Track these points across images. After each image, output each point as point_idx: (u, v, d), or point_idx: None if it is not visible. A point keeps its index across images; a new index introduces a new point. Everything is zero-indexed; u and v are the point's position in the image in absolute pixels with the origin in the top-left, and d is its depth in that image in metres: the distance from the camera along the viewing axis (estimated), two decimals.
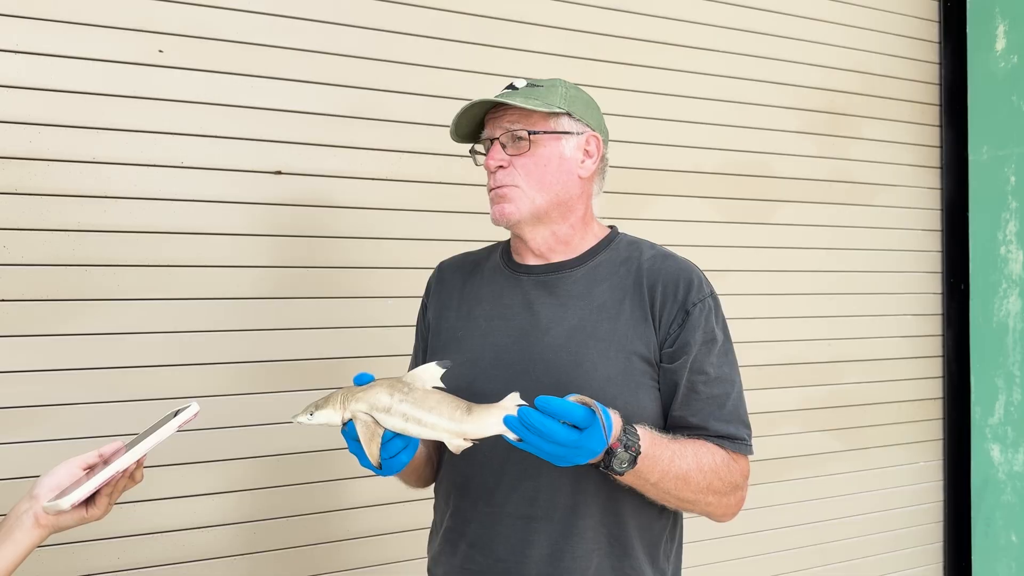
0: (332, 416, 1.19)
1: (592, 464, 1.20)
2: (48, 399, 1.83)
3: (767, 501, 2.79)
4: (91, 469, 1.16)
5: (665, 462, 1.25)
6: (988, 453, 3.14)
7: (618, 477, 1.23)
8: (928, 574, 3.19)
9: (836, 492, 2.97)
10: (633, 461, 1.20)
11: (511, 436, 1.14)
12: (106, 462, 1.16)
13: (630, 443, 1.20)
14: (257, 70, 2.04)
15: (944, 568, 3.22)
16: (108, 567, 1.88)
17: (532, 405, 1.12)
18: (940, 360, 3.22)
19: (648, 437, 1.24)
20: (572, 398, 1.13)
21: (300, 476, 2.09)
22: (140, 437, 1.15)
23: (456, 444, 1.17)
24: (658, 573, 1.39)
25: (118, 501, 1.21)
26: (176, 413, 1.17)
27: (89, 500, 1.14)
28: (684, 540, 1.50)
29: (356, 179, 2.17)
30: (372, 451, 1.17)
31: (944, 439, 3.22)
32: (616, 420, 1.20)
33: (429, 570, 1.51)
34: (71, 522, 1.14)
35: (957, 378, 3.21)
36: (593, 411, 1.12)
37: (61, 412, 1.84)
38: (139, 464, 1.17)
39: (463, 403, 1.18)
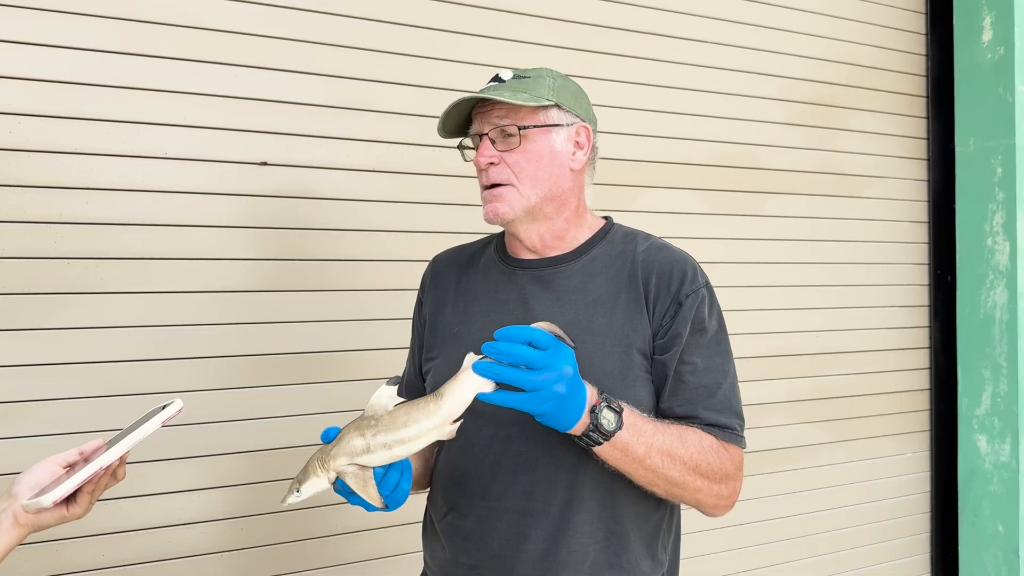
0: (319, 483, 1.18)
1: (581, 435, 1.19)
2: (29, 394, 1.80)
3: (755, 493, 2.79)
4: (71, 467, 1.14)
5: (649, 432, 1.24)
6: (975, 444, 3.15)
7: (607, 450, 1.20)
8: (915, 564, 3.21)
9: (824, 484, 2.98)
10: (619, 418, 1.19)
11: (487, 387, 1.14)
12: (87, 460, 1.13)
13: (610, 399, 1.20)
14: (242, 60, 2.02)
15: (931, 558, 3.24)
16: (93, 565, 1.86)
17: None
18: (927, 351, 3.23)
19: (627, 406, 1.23)
20: (534, 325, 1.14)
21: (287, 471, 2.07)
22: (123, 434, 1.13)
23: (448, 431, 1.16)
24: (656, 565, 1.39)
25: (102, 498, 1.18)
26: (160, 409, 1.15)
27: (70, 498, 1.12)
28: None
29: (343, 170, 2.14)
30: (372, 496, 1.16)
31: (931, 430, 3.23)
32: (590, 386, 1.20)
33: (425, 562, 1.50)
34: (52, 521, 1.12)
35: (944, 369, 3.23)
36: (555, 334, 1.13)
37: (42, 408, 1.81)
38: (122, 461, 1.15)
39: (428, 396, 1.17)
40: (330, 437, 1.19)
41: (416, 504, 1.59)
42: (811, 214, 2.95)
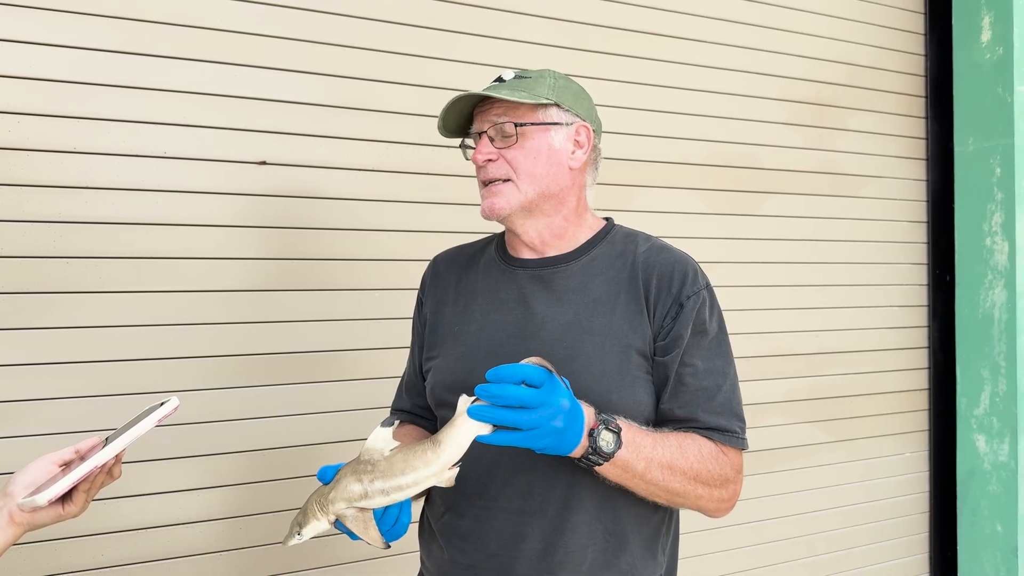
0: (319, 526, 1.19)
1: (581, 457, 1.18)
2: (27, 394, 1.80)
3: (754, 493, 2.79)
4: (67, 466, 1.14)
5: (648, 447, 1.24)
6: (974, 443, 3.15)
7: (607, 469, 1.21)
8: (914, 564, 3.21)
9: (822, 483, 2.98)
10: (618, 438, 1.19)
11: (484, 430, 1.12)
12: (83, 458, 1.13)
13: (609, 420, 1.19)
14: (241, 59, 2.02)
15: (930, 558, 3.24)
16: (92, 564, 1.86)
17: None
18: (926, 351, 3.23)
19: (625, 423, 1.23)
20: (524, 361, 1.13)
21: (285, 471, 2.07)
22: (118, 432, 1.13)
23: (446, 478, 1.15)
24: (655, 567, 1.38)
25: (100, 497, 1.19)
26: (156, 407, 1.15)
27: (66, 497, 1.12)
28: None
29: (342, 170, 2.14)
30: (373, 537, 1.17)
31: (930, 430, 3.23)
32: (587, 407, 1.19)
33: (422, 562, 1.50)
34: (47, 519, 1.12)
35: (943, 369, 3.23)
36: (546, 368, 1.12)
37: (40, 407, 1.81)
38: (117, 459, 1.15)
39: (426, 442, 1.16)
40: (327, 477, 1.19)
41: (415, 504, 1.59)
42: (810, 214, 2.95)
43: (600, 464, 1.20)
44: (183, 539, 1.96)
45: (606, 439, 1.18)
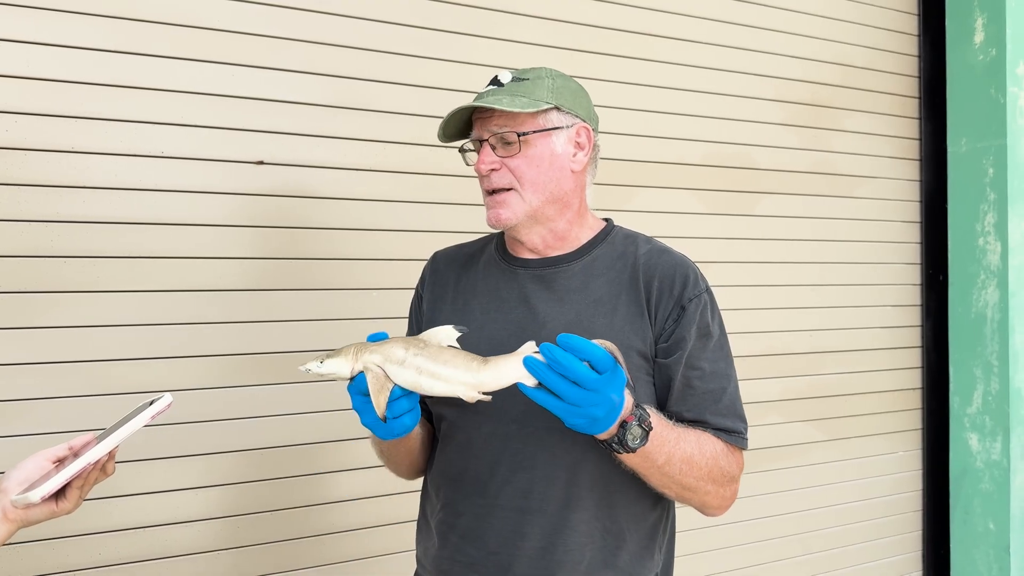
0: (342, 366, 1.19)
1: (603, 440, 1.19)
2: (24, 393, 1.80)
3: (749, 491, 2.80)
4: (60, 462, 1.14)
5: (671, 443, 1.25)
6: (966, 442, 3.17)
7: (627, 456, 1.22)
8: (907, 562, 3.23)
9: (817, 482, 2.99)
10: (645, 436, 1.20)
11: (529, 382, 1.13)
12: (76, 455, 1.13)
13: (643, 416, 1.20)
14: (239, 59, 2.02)
15: (923, 556, 3.26)
16: (89, 563, 1.86)
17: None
18: (919, 350, 3.25)
19: (655, 415, 1.24)
20: (596, 342, 1.12)
21: (284, 470, 2.08)
22: (111, 429, 1.13)
23: (471, 396, 1.16)
24: (652, 565, 1.39)
25: (98, 496, 1.19)
26: (149, 404, 1.15)
27: (59, 493, 1.12)
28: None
29: (340, 169, 2.15)
30: (379, 402, 1.16)
31: (923, 429, 3.25)
32: (628, 396, 1.19)
33: (419, 560, 1.50)
34: (41, 516, 1.12)
35: (936, 368, 3.24)
36: (614, 357, 1.12)
37: (37, 407, 1.81)
38: (111, 456, 1.15)
39: (478, 356, 1.17)
40: (376, 339, 1.20)
41: (410, 502, 1.59)
42: (805, 214, 2.96)
43: (620, 453, 1.21)
44: (181, 538, 1.96)
45: (634, 434, 1.19)
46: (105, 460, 1.14)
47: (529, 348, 1.15)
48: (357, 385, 1.18)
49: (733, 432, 1.37)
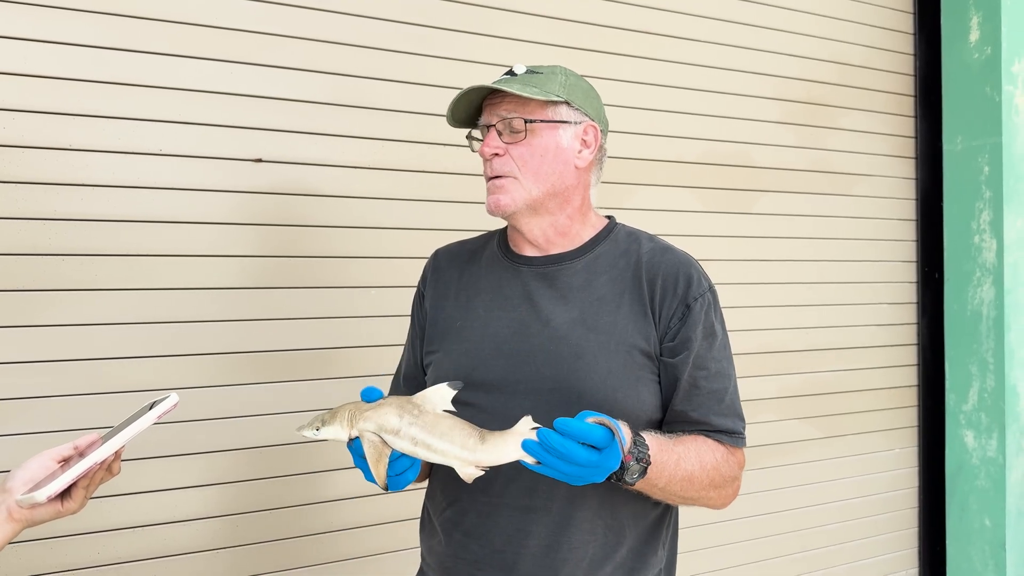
0: (339, 433, 1.18)
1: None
2: (23, 392, 1.79)
3: (746, 488, 2.78)
4: (65, 462, 1.14)
5: (671, 467, 1.26)
6: (962, 439, 3.18)
7: (626, 486, 1.23)
8: (903, 559, 3.24)
9: (813, 479, 3.00)
10: (644, 471, 1.21)
11: (529, 461, 1.13)
12: (81, 454, 1.13)
13: (641, 455, 1.20)
14: (237, 56, 2.01)
15: (919, 552, 3.27)
16: (89, 562, 1.85)
17: (549, 427, 1.11)
18: (915, 348, 3.26)
19: (656, 444, 1.24)
20: (590, 419, 1.12)
21: (283, 468, 2.07)
22: (117, 428, 1.13)
23: (468, 472, 1.15)
24: (655, 561, 1.40)
25: (98, 495, 1.18)
26: (154, 404, 1.15)
27: (65, 493, 1.11)
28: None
29: (338, 167, 2.14)
30: (379, 472, 1.16)
31: (919, 426, 3.26)
32: (627, 432, 1.19)
33: (423, 558, 1.50)
34: (46, 516, 1.11)
35: (932, 365, 3.26)
36: (611, 431, 1.11)
37: (37, 405, 1.80)
38: (117, 456, 1.14)
39: (476, 430, 1.16)
40: (371, 397, 1.18)
41: (413, 499, 1.59)
42: (802, 212, 2.97)
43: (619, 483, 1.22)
44: (181, 537, 1.95)
45: (632, 471, 1.19)
46: (111, 460, 1.14)
47: (526, 426, 1.14)
48: (356, 448, 1.18)
49: (734, 433, 1.38)
